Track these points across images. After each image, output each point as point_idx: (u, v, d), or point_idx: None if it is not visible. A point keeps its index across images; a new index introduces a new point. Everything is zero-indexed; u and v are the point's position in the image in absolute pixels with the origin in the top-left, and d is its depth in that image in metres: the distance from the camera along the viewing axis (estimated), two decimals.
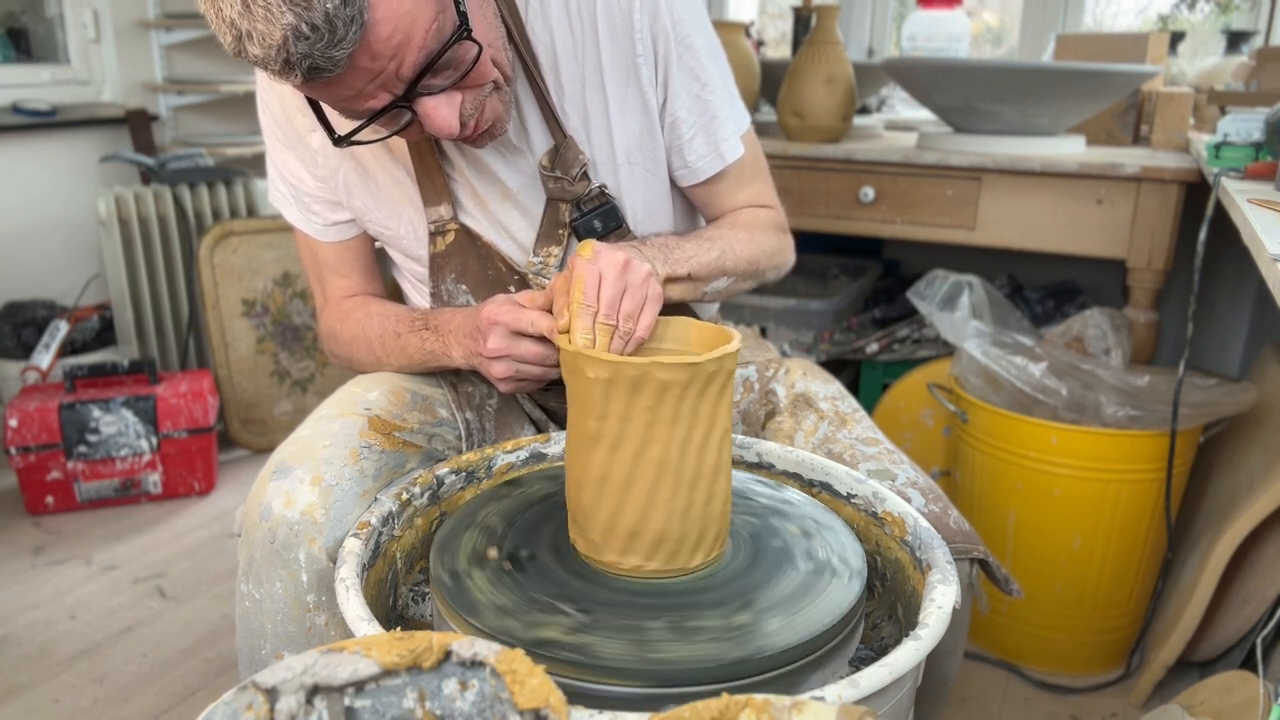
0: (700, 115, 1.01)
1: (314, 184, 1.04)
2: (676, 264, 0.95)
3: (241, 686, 0.52)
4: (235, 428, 2.43)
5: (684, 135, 1.01)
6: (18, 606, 1.77)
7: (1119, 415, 1.45)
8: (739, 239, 1.02)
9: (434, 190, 1.00)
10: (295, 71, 0.72)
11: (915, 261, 2.39)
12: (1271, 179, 1.22)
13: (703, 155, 1.02)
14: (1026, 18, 2.50)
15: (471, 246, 1.02)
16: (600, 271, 0.79)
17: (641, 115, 0.99)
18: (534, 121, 0.98)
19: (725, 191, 1.07)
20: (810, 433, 1.03)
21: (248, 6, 0.69)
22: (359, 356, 1.07)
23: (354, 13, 0.70)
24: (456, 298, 1.04)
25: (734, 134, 1.04)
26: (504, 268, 1.02)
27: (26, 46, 2.58)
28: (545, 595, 0.72)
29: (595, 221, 0.99)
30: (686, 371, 0.69)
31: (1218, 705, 1.08)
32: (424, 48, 0.76)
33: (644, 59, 0.96)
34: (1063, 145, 1.69)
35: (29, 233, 2.46)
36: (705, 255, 0.97)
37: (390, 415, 0.96)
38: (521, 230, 1.02)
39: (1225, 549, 1.36)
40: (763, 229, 1.07)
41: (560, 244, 1.00)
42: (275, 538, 0.84)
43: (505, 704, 0.53)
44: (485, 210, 1.01)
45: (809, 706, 0.51)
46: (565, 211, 0.99)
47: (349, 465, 0.88)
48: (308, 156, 1.02)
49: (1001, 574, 0.93)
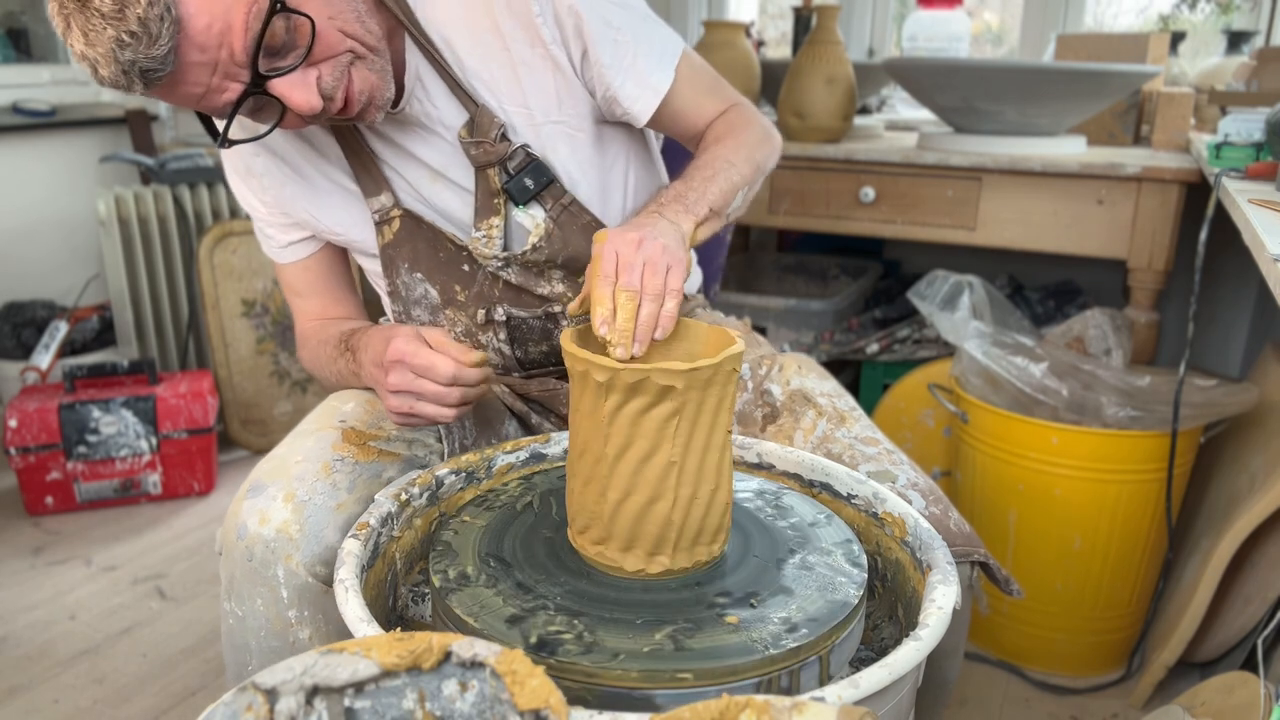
0: (620, 58, 1.00)
1: (262, 209, 1.08)
2: (697, 206, 0.94)
3: (241, 687, 0.52)
4: (235, 428, 2.43)
5: (613, 82, 1.00)
6: (17, 607, 1.77)
7: (1120, 416, 1.45)
8: (729, 151, 1.01)
9: (372, 181, 1.02)
10: (135, 80, 0.78)
11: (916, 262, 2.38)
12: (1272, 179, 1.22)
13: (636, 97, 1.01)
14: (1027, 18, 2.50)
15: (418, 230, 1.03)
16: (616, 250, 0.81)
17: (554, 74, 0.99)
18: (442, 99, 0.99)
19: (686, 113, 1.06)
20: (809, 430, 1.02)
21: (85, 35, 0.76)
22: (321, 381, 1.11)
23: (162, 11, 0.75)
24: (414, 289, 1.05)
25: (659, 66, 1.02)
26: (453, 247, 1.03)
27: (26, 46, 2.59)
28: (545, 597, 0.72)
29: (526, 180, 1.00)
30: (689, 376, 0.69)
31: (1218, 706, 1.08)
32: (248, 30, 0.79)
33: (542, 19, 0.96)
34: (1063, 145, 1.69)
35: (29, 233, 2.46)
36: (714, 185, 0.96)
37: (365, 425, 0.96)
38: (458, 209, 1.03)
39: (1226, 549, 1.36)
40: (744, 128, 1.05)
41: (499, 214, 1.01)
42: (253, 556, 0.84)
43: (505, 705, 0.53)
44: (419, 195, 1.03)
45: (809, 707, 0.51)
46: (494, 178, 1.00)
47: (321, 479, 0.88)
48: (253, 181, 1.07)
49: (1002, 574, 0.92)
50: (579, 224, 1.02)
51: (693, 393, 0.70)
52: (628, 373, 0.69)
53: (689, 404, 0.70)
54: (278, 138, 1.02)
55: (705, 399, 0.71)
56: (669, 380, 0.69)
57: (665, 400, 0.69)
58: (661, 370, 0.69)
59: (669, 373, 0.68)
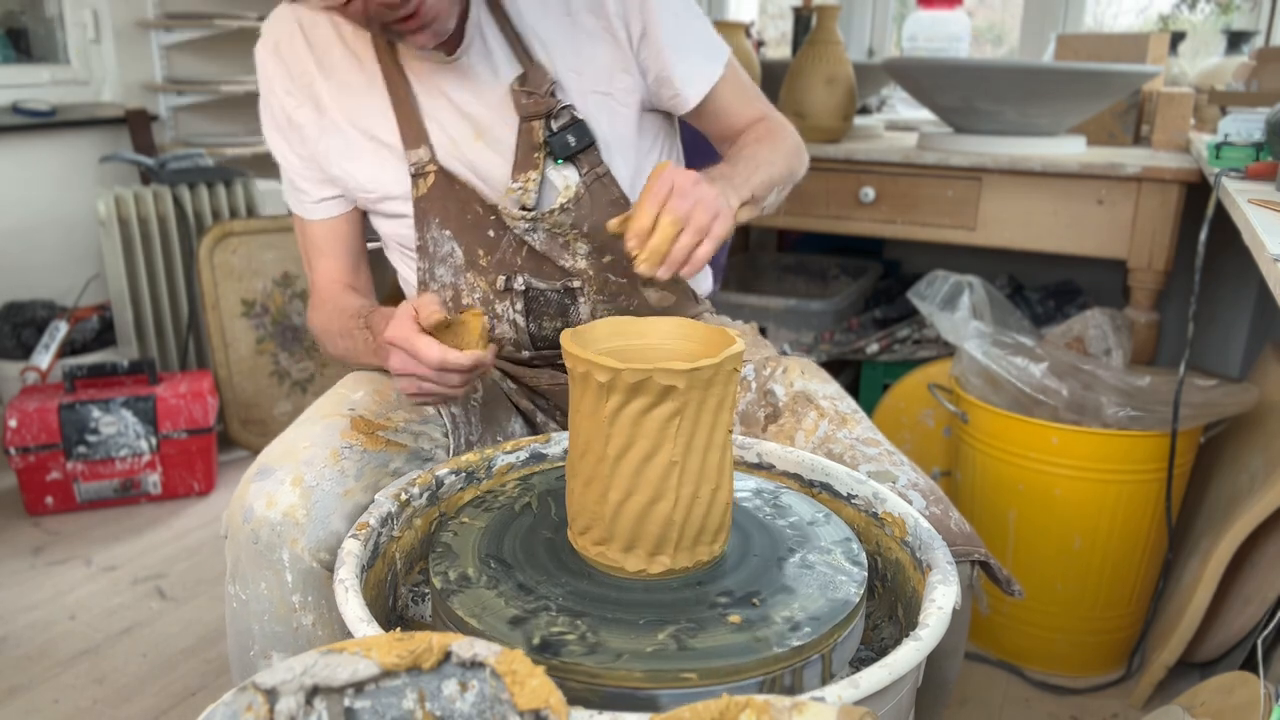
0: (679, 41, 1.04)
1: (298, 162, 1.09)
2: (742, 187, 0.97)
3: (241, 687, 0.52)
4: (235, 428, 2.43)
5: (669, 61, 1.04)
6: (17, 607, 1.77)
7: (1120, 416, 1.45)
8: (767, 151, 1.05)
9: (413, 133, 1.03)
10: None
11: (916, 262, 2.38)
12: (1272, 179, 1.22)
13: (689, 80, 1.06)
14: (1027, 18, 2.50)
15: (450, 189, 1.04)
16: (674, 180, 0.84)
17: (611, 47, 1.03)
18: (500, 51, 1.02)
19: (728, 111, 1.11)
20: (811, 431, 1.03)
21: None
22: (328, 347, 1.11)
23: None
24: (442, 245, 1.06)
25: (713, 58, 1.08)
26: (480, 209, 1.04)
27: (26, 46, 2.58)
28: (547, 598, 0.72)
29: (569, 137, 1.02)
30: (690, 375, 0.69)
31: (1218, 706, 1.08)
32: None
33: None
34: (1063, 145, 1.69)
35: (29, 233, 2.46)
36: (756, 175, 1.00)
37: (374, 415, 0.96)
38: (496, 166, 1.04)
39: (1226, 550, 1.36)
40: (780, 134, 1.10)
41: (537, 169, 1.03)
42: (258, 539, 0.84)
43: (505, 705, 0.53)
44: (459, 152, 1.04)
45: (809, 707, 0.51)
46: (539, 131, 1.01)
47: (330, 466, 0.88)
48: (292, 135, 1.08)
49: (1003, 575, 0.93)
50: (608, 197, 1.04)
51: (694, 393, 0.70)
52: (629, 373, 0.69)
53: (690, 404, 0.70)
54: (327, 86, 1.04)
55: (706, 399, 0.71)
56: (670, 380, 0.69)
57: (666, 400, 0.69)
58: (662, 370, 0.69)
59: (670, 373, 0.68)
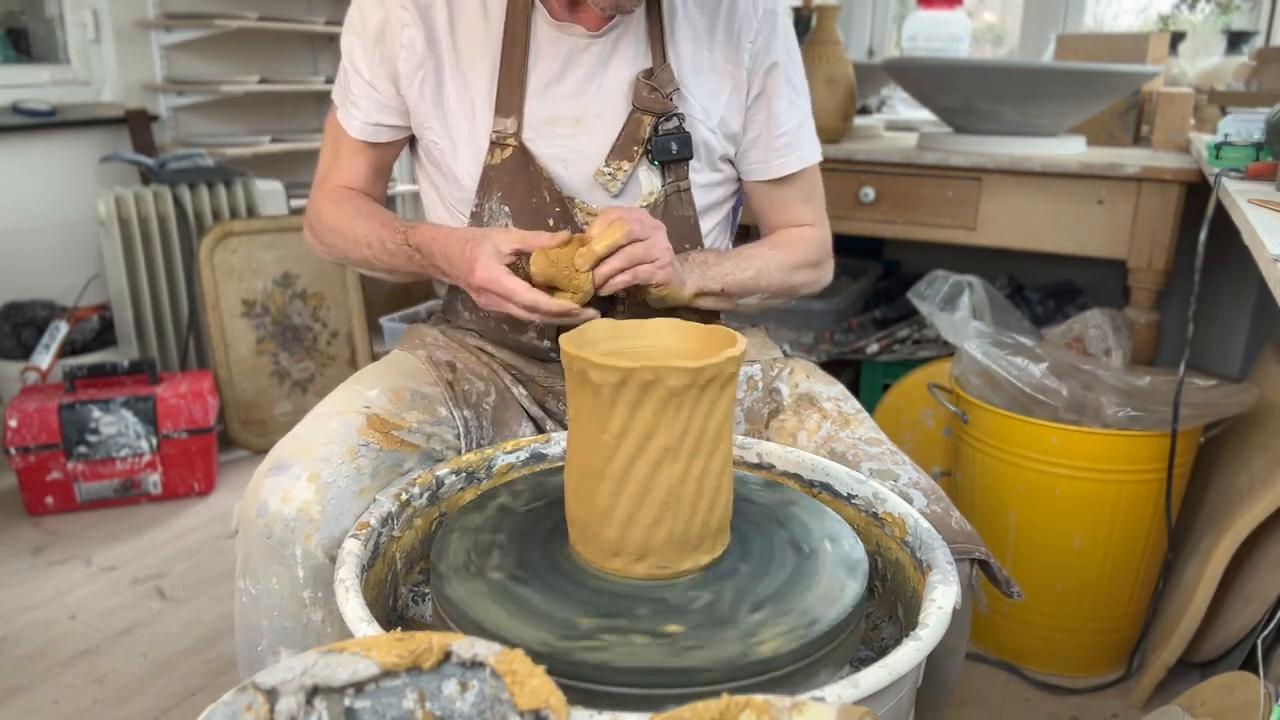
0: (790, 114, 1.11)
1: (368, 73, 1.06)
2: (710, 280, 1.02)
3: (241, 687, 0.52)
4: (235, 428, 2.43)
5: (775, 131, 1.10)
6: (17, 607, 1.77)
7: (1119, 416, 1.45)
8: (777, 261, 1.10)
9: (509, 103, 1.03)
10: None
11: (915, 262, 2.38)
12: (1272, 179, 1.22)
13: (788, 149, 1.11)
14: (1027, 18, 2.50)
15: (524, 168, 1.04)
16: (640, 216, 0.92)
17: (730, 89, 1.08)
18: (639, 44, 1.04)
19: (791, 200, 1.15)
20: (813, 431, 1.03)
21: None
22: (340, 246, 1.10)
23: None
24: (497, 219, 1.06)
25: (816, 145, 1.15)
26: (548, 196, 1.04)
27: (26, 46, 2.58)
28: (546, 599, 0.72)
29: (672, 143, 1.03)
30: (689, 375, 0.69)
31: (1218, 706, 1.08)
32: None
33: (750, 44, 1.07)
34: (1063, 145, 1.69)
35: (29, 233, 2.46)
36: (741, 274, 1.05)
37: (389, 414, 0.96)
38: (587, 156, 1.05)
39: (1226, 550, 1.36)
40: (804, 248, 1.14)
41: (632, 160, 1.04)
42: (271, 534, 0.84)
43: (505, 705, 0.53)
44: (550, 135, 1.04)
45: (809, 707, 0.51)
46: (646, 126, 1.03)
47: (346, 463, 0.88)
48: (382, 48, 1.05)
49: (1002, 576, 0.93)
50: (679, 214, 1.06)
51: (694, 392, 0.70)
52: (627, 373, 0.69)
53: (690, 404, 0.70)
54: (448, 22, 1.03)
55: (706, 399, 0.71)
56: (670, 380, 0.68)
57: (666, 401, 0.69)
58: (666, 369, 0.68)
59: (674, 371, 0.68)
